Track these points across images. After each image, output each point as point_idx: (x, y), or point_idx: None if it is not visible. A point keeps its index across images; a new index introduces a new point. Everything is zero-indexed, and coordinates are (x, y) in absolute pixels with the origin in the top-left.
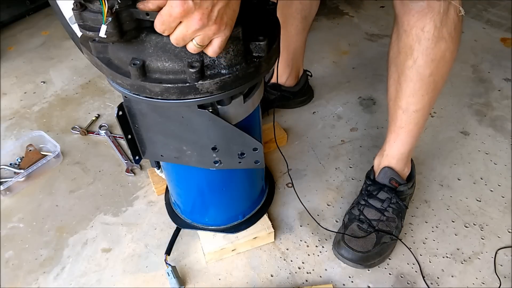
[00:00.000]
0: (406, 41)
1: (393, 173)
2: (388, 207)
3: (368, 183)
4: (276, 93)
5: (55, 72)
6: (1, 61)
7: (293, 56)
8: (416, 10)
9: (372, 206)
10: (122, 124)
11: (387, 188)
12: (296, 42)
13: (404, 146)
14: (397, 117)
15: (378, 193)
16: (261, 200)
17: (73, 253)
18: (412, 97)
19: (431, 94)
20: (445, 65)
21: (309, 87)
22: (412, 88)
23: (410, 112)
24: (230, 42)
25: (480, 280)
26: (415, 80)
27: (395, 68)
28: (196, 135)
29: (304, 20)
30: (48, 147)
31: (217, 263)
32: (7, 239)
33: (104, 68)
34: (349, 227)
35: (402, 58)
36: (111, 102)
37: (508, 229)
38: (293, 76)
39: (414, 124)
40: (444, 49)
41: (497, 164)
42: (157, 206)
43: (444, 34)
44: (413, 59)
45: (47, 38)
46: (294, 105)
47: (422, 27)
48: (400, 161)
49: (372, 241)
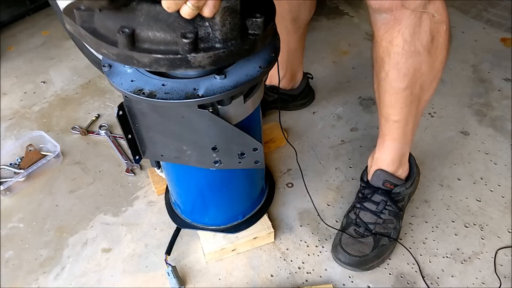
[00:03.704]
0: (378, 52)
1: (386, 175)
2: (384, 209)
3: (362, 186)
4: (274, 95)
5: (55, 72)
6: (1, 61)
7: (287, 58)
8: (382, 22)
9: (367, 209)
10: (122, 124)
11: (381, 190)
12: (289, 43)
13: (392, 152)
14: (382, 125)
15: (372, 195)
16: (261, 200)
17: (73, 253)
18: (391, 108)
19: (410, 106)
20: (423, 77)
21: (310, 90)
22: (388, 100)
23: (391, 122)
24: (228, 14)
25: (480, 280)
26: (390, 92)
27: (375, 76)
28: (196, 135)
29: (293, 22)
30: (48, 147)
31: (217, 263)
32: (7, 239)
33: (88, 38)
34: (346, 231)
35: (377, 68)
36: (111, 102)
37: (508, 229)
38: (287, 79)
39: (398, 133)
40: (418, 63)
41: (497, 164)
42: (157, 206)
43: (417, 48)
44: (385, 72)
45: (47, 38)
46: (294, 108)
47: (390, 40)
48: (390, 164)
49: (370, 245)
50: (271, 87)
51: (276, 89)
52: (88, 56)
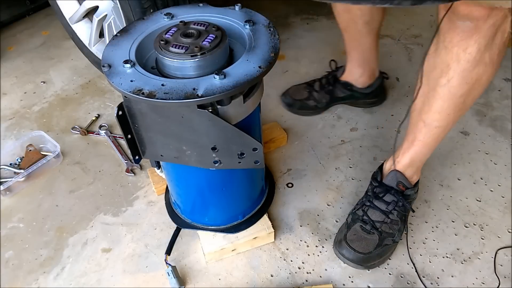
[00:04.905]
0: (444, 58)
1: (401, 177)
2: (393, 209)
3: (374, 185)
4: (346, 92)
5: (55, 72)
6: (1, 61)
7: (363, 57)
8: (461, 29)
9: (377, 207)
10: (122, 124)
11: (394, 190)
12: (364, 44)
13: (418, 157)
14: (417, 129)
15: (384, 195)
16: (261, 200)
17: (73, 253)
18: (438, 114)
19: (458, 113)
20: (479, 88)
21: (382, 90)
22: (440, 106)
23: (432, 127)
24: None
25: (480, 280)
26: (445, 98)
27: (427, 82)
28: (196, 135)
29: (366, 25)
30: (48, 147)
31: (217, 263)
32: (7, 239)
33: None
34: (352, 227)
35: (436, 74)
36: (111, 102)
37: (508, 229)
38: (366, 77)
39: (433, 138)
40: (481, 73)
41: (497, 164)
42: (157, 206)
43: (485, 59)
44: (447, 78)
45: (47, 38)
46: (363, 105)
47: (464, 47)
48: (410, 169)
49: (374, 243)
50: (345, 83)
51: (350, 85)
52: (88, 56)
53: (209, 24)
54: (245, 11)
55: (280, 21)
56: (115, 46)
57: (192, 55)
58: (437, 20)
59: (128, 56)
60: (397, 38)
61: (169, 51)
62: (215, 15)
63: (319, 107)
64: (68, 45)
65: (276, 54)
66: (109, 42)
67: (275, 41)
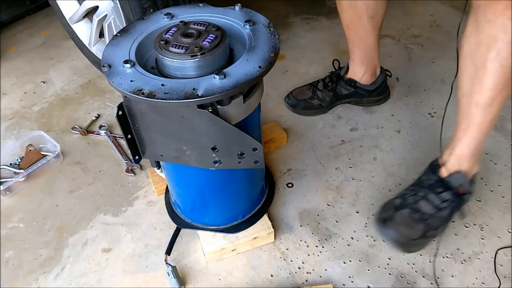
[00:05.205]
0: (490, 31)
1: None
2: (447, 207)
3: (434, 179)
4: (350, 89)
5: (55, 72)
6: (1, 61)
7: (366, 54)
8: None
9: (430, 201)
10: (122, 124)
11: (454, 193)
12: (367, 40)
13: (475, 144)
14: (470, 114)
15: (442, 192)
16: (261, 200)
17: (73, 253)
18: (490, 91)
19: (508, 89)
20: None
21: (386, 87)
22: (492, 82)
23: (486, 107)
24: None
25: (480, 280)
26: (496, 74)
27: (472, 62)
28: (196, 135)
29: (371, 19)
30: (48, 147)
31: (217, 263)
32: (7, 239)
33: None
34: (399, 210)
35: (483, 50)
36: (111, 102)
37: (508, 229)
38: (368, 74)
39: (488, 120)
40: None
41: (497, 164)
42: (157, 206)
43: None
44: (496, 51)
45: (47, 38)
46: (368, 104)
47: (510, 16)
48: (470, 159)
49: (419, 232)
50: (349, 80)
51: (353, 82)
52: (88, 56)
53: (209, 24)
54: (245, 11)
55: (280, 21)
56: (115, 46)
57: (192, 55)
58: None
59: (128, 56)
60: (397, 38)
61: (169, 51)
62: (215, 15)
63: (323, 106)
64: (68, 45)
65: (276, 54)
66: (109, 42)
67: (275, 41)
